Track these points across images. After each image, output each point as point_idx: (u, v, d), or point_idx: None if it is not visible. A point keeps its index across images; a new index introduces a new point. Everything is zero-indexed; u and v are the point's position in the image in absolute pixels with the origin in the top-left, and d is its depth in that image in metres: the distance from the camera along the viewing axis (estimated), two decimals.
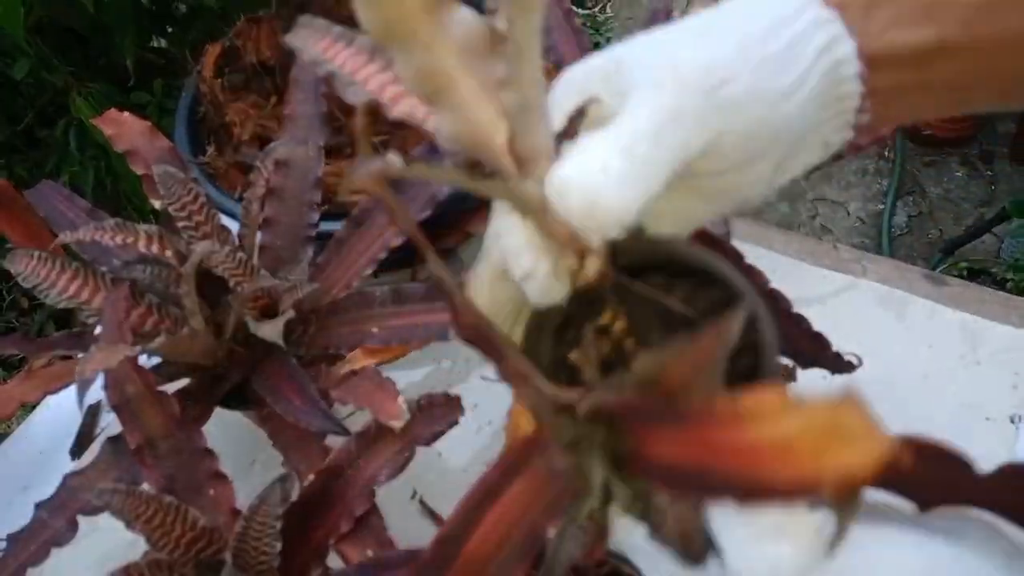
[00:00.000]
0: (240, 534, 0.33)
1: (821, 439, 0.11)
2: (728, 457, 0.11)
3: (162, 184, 0.40)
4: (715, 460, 0.11)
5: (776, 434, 0.11)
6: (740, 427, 0.11)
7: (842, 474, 0.10)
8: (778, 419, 0.11)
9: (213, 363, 0.41)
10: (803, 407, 0.11)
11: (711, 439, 0.11)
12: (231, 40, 0.56)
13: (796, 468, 0.11)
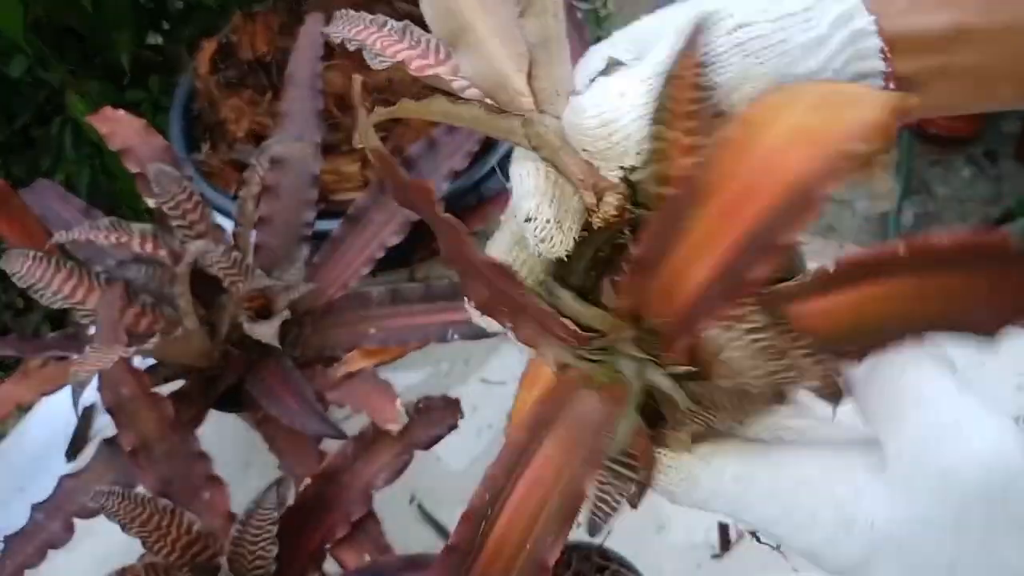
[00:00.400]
0: (236, 538, 0.32)
1: (831, 111, 0.11)
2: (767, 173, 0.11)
3: (156, 183, 0.39)
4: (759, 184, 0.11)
5: (789, 123, 0.11)
6: (757, 135, 0.11)
7: (860, 128, 0.10)
8: (785, 110, 0.11)
9: (208, 364, 0.40)
10: (799, 92, 0.11)
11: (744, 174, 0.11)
12: (227, 36, 0.55)
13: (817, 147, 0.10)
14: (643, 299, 0.15)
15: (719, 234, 0.13)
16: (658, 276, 0.14)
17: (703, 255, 0.13)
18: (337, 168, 0.50)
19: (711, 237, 0.13)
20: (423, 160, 0.45)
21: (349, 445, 0.36)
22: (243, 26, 0.54)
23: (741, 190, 0.13)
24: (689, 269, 0.14)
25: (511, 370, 0.41)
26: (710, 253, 0.13)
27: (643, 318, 0.15)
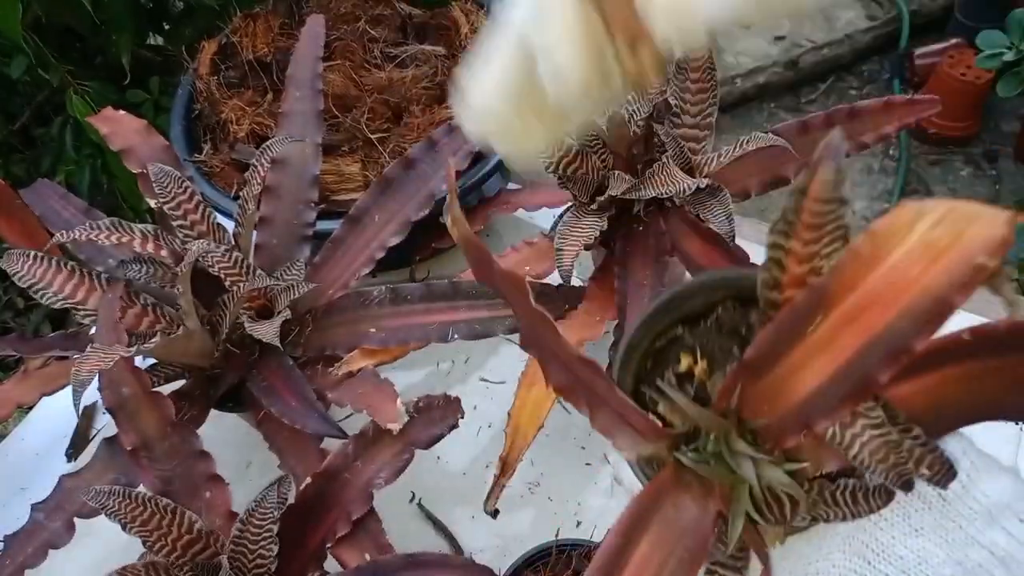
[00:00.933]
0: (237, 537, 0.32)
1: (955, 226, 0.12)
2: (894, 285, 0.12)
3: (157, 183, 0.40)
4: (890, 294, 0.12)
5: (916, 238, 0.12)
6: (884, 248, 0.12)
7: (983, 243, 0.11)
8: (911, 226, 0.12)
9: (209, 364, 0.40)
10: (924, 209, 0.12)
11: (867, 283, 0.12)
12: (227, 37, 0.55)
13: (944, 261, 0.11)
14: (750, 399, 0.15)
15: (842, 338, 0.13)
16: (771, 377, 0.14)
17: (822, 357, 0.14)
18: (338, 168, 0.50)
19: (832, 341, 0.13)
20: (424, 160, 0.45)
21: (350, 444, 0.36)
22: (244, 27, 0.54)
23: (867, 299, 0.13)
24: (805, 370, 0.14)
25: (511, 370, 0.41)
26: (831, 356, 0.13)
27: (747, 419, 0.15)
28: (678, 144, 0.41)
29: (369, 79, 0.51)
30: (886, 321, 0.13)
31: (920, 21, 1.22)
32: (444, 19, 0.55)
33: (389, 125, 0.52)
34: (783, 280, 0.15)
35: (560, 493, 0.45)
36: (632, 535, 0.15)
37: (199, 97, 0.54)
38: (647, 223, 0.43)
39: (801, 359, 0.14)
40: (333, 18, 0.53)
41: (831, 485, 0.15)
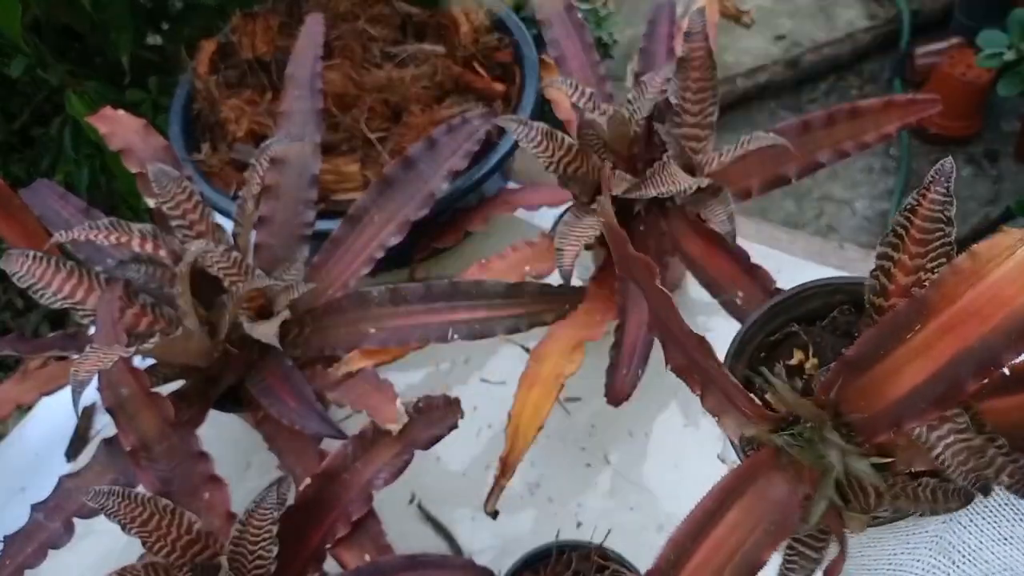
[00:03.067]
0: (236, 538, 0.32)
1: None
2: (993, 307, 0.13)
3: (156, 182, 0.39)
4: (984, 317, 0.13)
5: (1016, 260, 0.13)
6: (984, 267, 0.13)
7: None
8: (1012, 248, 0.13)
9: (208, 364, 0.40)
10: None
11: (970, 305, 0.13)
12: (226, 36, 0.55)
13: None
14: (849, 394, 0.16)
15: (938, 347, 0.15)
16: (868, 376, 0.16)
17: (918, 362, 0.15)
18: (337, 168, 0.50)
19: (929, 348, 0.15)
20: (423, 160, 0.45)
21: (349, 445, 0.36)
22: (243, 26, 0.54)
23: (964, 312, 0.14)
24: (901, 373, 0.15)
25: (511, 370, 0.41)
26: (926, 362, 0.15)
27: (843, 412, 0.16)
28: (679, 143, 0.41)
29: (368, 78, 0.51)
30: (980, 334, 0.14)
31: (920, 21, 1.22)
32: (443, 18, 0.55)
33: (388, 124, 0.52)
34: (890, 288, 0.17)
35: (560, 494, 0.44)
36: (726, 501, 0.16)
37: (198, 96, 0.54)
38: (648, 223, 0.42)
39: (898, 362, 0.15)
40: (332, 17, 0.52)
41: (914, 482, 0.16)
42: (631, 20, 1.17)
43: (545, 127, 0.41)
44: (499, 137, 0.50)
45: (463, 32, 0.54)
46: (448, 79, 0.53)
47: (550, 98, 0.51)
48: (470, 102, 0.53)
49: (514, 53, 0.55)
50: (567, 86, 0.41)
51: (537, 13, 0.49)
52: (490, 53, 0.55)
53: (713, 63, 0.40)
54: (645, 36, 0.48)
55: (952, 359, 0.14)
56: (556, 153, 0.41)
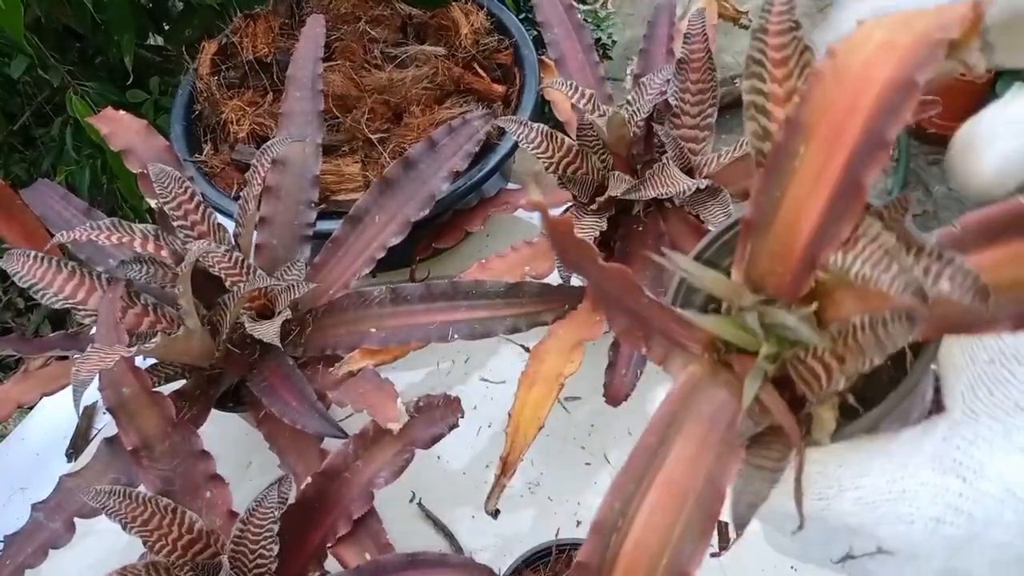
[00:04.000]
0: (237, 537, 0.32)
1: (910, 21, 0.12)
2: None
3: (158, 183, 0.40)
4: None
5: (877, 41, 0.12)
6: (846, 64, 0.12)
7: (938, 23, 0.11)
8: (870, 35, 0.12)
9: (209, 364, 0.40)
10: (881, 21, 0.12)
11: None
12: (228, 37, 0.55)
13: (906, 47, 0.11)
14: (763, 262, 0.15)
15: (829, 162, 0.13)
16: (773, 232, 0.14)
17: (814, 188, 0.13)
18: (338, 169, 0.50)
19: (821, 168, 0.13)
20: (424, 161, 0.45)
21: (350, 444, 0.36)
22: (244, 27, 0.54)
23: (841, 115, 0.13)
24: (803, 209, 0.14)
25: (511, 370, 0.41)
26: (821, 183, 0.13)
27: (765, 282, 0.15)
28: (678, 144, 0.41)
29: (369, 79, 0.51)
30: (861, 125, 0.13)
31: None
32: (444, 19, 0.55)
33: (389, 125, 0.52)
34: (773, 130, 0.15)
35: (560, 493, 0.45)
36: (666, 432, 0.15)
37: (199, 97, 0.54)
38: (647, 223, 0.43)
39: (797, 199, 0.14)
40: (333, 18, 0.53)
41: (849, 329, 0.13)
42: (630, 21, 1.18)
43: (545, 128, 0.41)
44: (499, 138, 0.50)
45: (463, 33, 0.54)
46: (448, 80, 0.53)
47: (550, 99, 0.51)
48: (470, 103, 0.53)
49: (514, 54, 0.55)
50: (567, 87, 0.41)
51: (537, 14, 0.49)
52: (490, 54, 0.55)
53: (712, 64, 0.41)
54: (645, 37, 0.48)
55: (845, 164, 0.13)
56: (556, 154, 0.41)
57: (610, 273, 0.16)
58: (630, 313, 0.16)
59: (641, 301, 0.16)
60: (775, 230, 0.14)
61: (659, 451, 0.15)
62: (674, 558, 0.14)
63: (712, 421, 0.15)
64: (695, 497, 0.14)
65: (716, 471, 0.14)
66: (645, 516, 0.14)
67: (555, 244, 0.15)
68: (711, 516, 0.14)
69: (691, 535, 0.14)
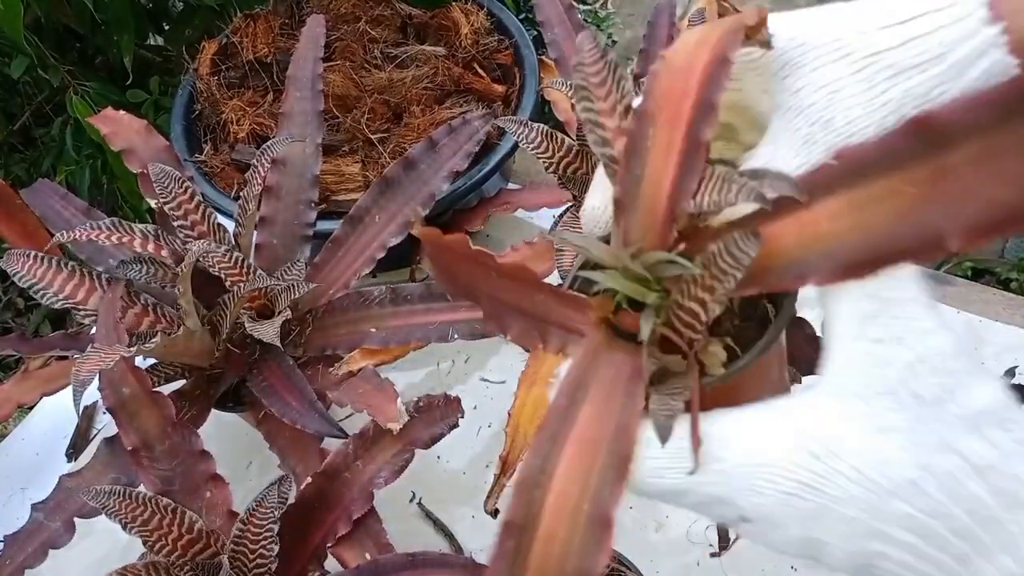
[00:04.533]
0: (237, 537, 0.32)
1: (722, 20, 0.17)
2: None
3: (158, 183, 0.40)
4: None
5: (695, 39, 0.17)
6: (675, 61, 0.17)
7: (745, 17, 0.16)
8: (690, 37, 0.17)
9: (209, 364, 0.40)
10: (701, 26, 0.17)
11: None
12: (228, 37, 0.55)
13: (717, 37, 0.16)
14: (634, 229, 0.17)
15: (675, 131, 0.16)
16: (640, 201, 0.17)
17: (668, 156, 0.16)
18: (338, 169, 0.50)
19: (671, 138, 0.16)
20: (424, 161, 0.45)
21: (350, 444, 0.36)
22: (244, 27, 0.55)
23: (679, 94, 0.16)
24: (661, 175, 0.16)
25: (511, 369, 0.41)
26: (670, 150, 0.16)
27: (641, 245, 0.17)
28: None
29: (369, 79, 0.51)
30: (695, 99, 0.16)
31: None
32: (444, 19, 0.55)
33: (389, 125, 0.52)
34: (608, 137, 0.19)
35: None
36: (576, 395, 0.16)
37: (199, 97, 0.54)
38: None
39: (654, 171, 0.17)
40: (333, 19, 0.53)
41: (711, 257, 0.16)
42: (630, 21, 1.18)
43: (545, 128, 0.41)
44: (499, 138, 0.50)
45: (464, 34, 0.54)
46: (448, 80, 0.53)
47: (550, 99, 0.51)
48: (470, 103, 0.53)
49: (514, 54, 0.55)
50: (567, 87, 0.41)
51: (537, 14, 0.49)
52: (490, 54, 0.55)
53: None
54: (645, 37, 0.48)
55: (687, 131, 0.16)
56: (556, 154, 0.41)
57: (510, 272, 0.18)
58: (525, 314, 0.18)
59: (538, 297, 0.18)
60: (641, 201, 0.17)
61: (570, 411, 0.16)
62: (595, 502, 0.15)
63: (614, 379, 0.17)
64: (608, 445, 0.15)
65: (623, 419, 0.16)
66: (564, 469, 0.15)
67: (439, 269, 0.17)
68: (624, 458, 0.15)
69: (608, 478, 0.15)
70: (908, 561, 0.15)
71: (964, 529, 0.15)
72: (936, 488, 0.14)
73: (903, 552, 0.15)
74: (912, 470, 0.15)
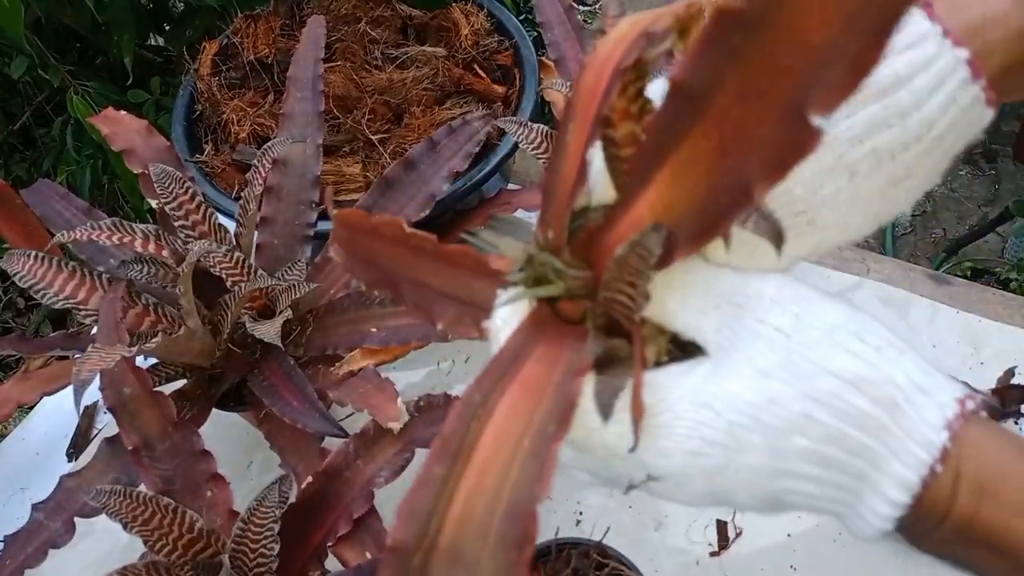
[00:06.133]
0: (238, 536, 0.32)
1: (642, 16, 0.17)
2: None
3: (159, 183, 0.40)
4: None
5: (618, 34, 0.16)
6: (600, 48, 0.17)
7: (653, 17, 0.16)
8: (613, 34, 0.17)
9: (210, 364, 0.40)
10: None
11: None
12: (228, 37, 0.55)
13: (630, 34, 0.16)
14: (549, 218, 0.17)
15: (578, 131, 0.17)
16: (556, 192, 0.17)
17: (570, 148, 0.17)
18: (339, 169, 0.50)
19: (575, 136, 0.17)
20: (424, 161, 0.45)
21: (351, 443, 0.36)
22: (244, 27, 0.55)
23: (593, 86, 0.16)
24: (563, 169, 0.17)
25: None
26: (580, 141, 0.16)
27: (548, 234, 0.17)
28: None
29: (370, 80, 0.51)
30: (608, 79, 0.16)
31: None
32: (444, 20, 0.55)
33: (390, 126, 0.52)
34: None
35: (559, 492, 0.45)
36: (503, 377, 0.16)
37: (200, 98, 0.54)
38: None
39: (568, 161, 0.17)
40: (334, 19, 0.53)
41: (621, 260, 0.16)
42: None
43: (545, 128, 0.42)
44: (499, 138, 0.51)
45: (464, 35, 0.54)
46: (449, 81, 0.53)
47: (550, 100, 0.51)
48: (470, 104, 0.53)
49: (514, 55, 0.56)
50: (566, 88, 0.41)
51: (537, 15, 0.49)
52: (490, 55, 0.55)
53: None
54: None
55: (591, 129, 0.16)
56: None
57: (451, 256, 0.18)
58: (458, 300, 0.18)
59: (477, 284, 0.18)
60: (557, 192, 0.17)
61: (514, 363, 0.16)
62: (536, 438, 0.15)
63: (561, 337, 0.17)
64: (553, 390, 0.15)
65: (570, 368, 0.16)
66: (506, 405, 0.15)
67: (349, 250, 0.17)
68: (569, 404, 0.15)
69: (553, 417, 0.15)
70: (812, 491, 0.16)
71: (859, 446, 0.15)
72: (825, 413, 0.15)
73: (807, 483, 0.16)
74: (800, 402, 0.15)
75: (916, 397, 0.15)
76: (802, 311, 0.16)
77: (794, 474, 0.15)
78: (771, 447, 0.15)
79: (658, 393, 0.16)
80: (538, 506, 0.14)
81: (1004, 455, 0.15)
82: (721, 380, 0.16)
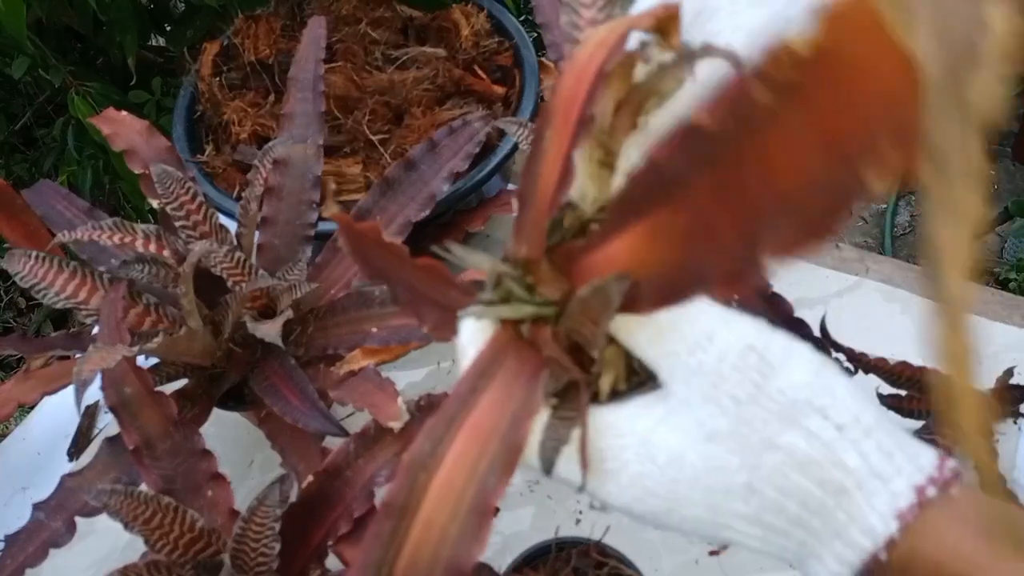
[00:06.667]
0: (239, 535, 0.32)
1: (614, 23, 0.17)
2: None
3: (160, 183, 0.40)
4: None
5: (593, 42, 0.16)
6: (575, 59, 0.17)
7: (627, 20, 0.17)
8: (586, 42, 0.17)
9: (211, 363, 0.40)
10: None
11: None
12: (229, 38, 0.55)
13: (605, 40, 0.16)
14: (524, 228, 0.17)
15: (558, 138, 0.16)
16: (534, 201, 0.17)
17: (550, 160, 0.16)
18: (339, 169, 0.50)
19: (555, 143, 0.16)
20: (424, 162, 0.45)
21: (351, 442, 0.36)
22: (245, 28, 0.55)
23: (572, 93, 0.16)
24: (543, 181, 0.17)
25: None
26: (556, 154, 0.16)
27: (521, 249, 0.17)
28: None
29: (370, 81, 0.51)
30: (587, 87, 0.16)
31: None
32: (444, 21, 0.56)
33: (390, 127, 0.52)
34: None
35: (560, 491, 0.45)
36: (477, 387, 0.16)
37: (201, 98, 0.54)
38: None
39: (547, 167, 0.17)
40: (334, 20, 0.53)
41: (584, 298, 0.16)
42: None
43: None
44: (499, 139, 0.51)
45: (464, 35, 0.54)
46: (449, 82, 0.53)
47: None
48: (471, 104, 0.53)
49: (514, 56, 0.56)
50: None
51: (537, 16, 0.49)
52: (490, 56, 0.56)
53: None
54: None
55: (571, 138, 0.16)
56: None
57: (422, 270, 0.18)
58: (440, 306, 0.18)
59: (451, 293, 0.18)
60: (535, 201, 0.17)
61: (470, 398, 0.16)
62: (479, 490, 0.15)
63: (517, 372, 0.17)
64: (501, 434, 0.16)
65: (521, 411, 0.16)
66: (454, 455, 0.15)
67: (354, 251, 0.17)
68: (515, 450, 0.15)
69: (496, 467, 0.15)
70: (757, 547, 0.16)
71: (798, 519, 0.15)
72: (767, 486, 0.15)
73: (751, 540, 0.16)
74: (743, 473, 0.15)
75: (869, 483, 0.15)
76: (764, 380, 0.15)
77: (736, 530, 0.16)
78: (711, 506, 0.15)
79: (607, 438, 0.16)
80: (475, 561, 0.14)
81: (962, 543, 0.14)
82: (668, 433, 0.16)
